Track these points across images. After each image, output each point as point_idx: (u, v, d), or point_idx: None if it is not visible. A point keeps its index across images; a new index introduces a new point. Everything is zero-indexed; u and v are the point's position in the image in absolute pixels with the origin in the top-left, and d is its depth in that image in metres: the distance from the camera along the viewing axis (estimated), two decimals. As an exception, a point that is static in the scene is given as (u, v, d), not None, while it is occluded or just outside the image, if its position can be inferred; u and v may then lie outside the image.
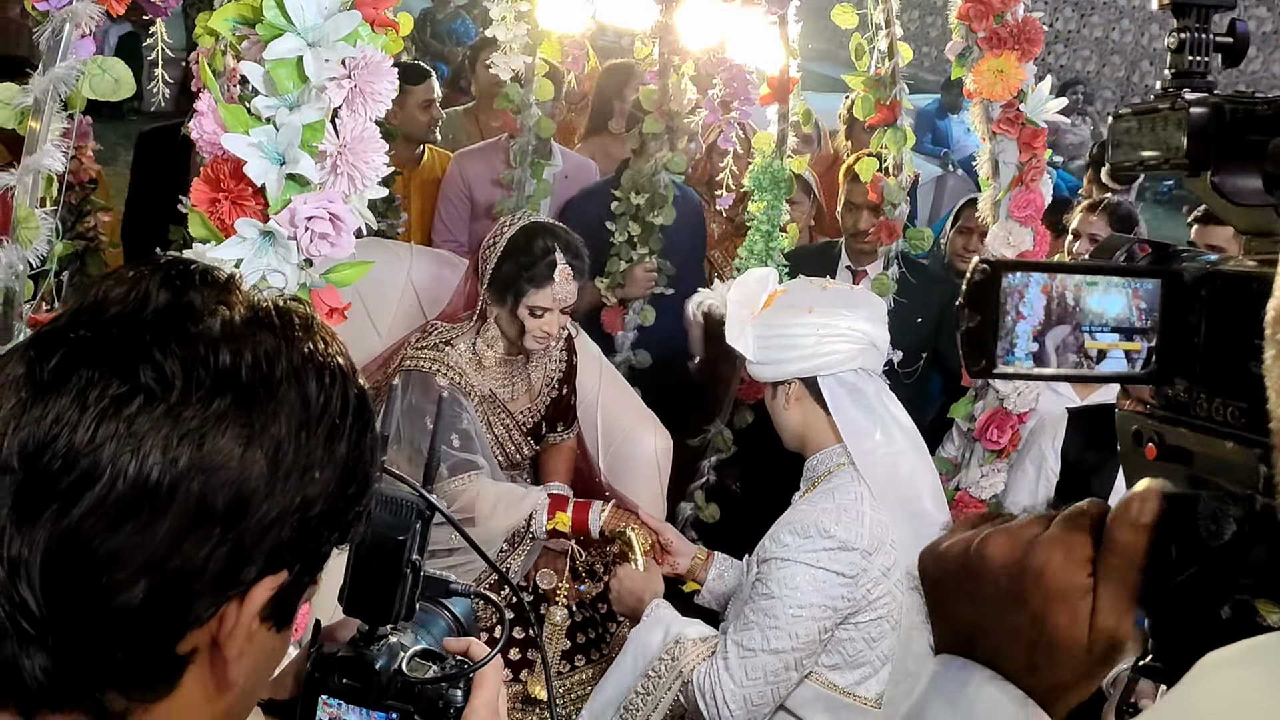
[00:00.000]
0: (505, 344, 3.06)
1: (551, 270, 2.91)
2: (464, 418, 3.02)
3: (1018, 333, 0.83)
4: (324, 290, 1.94)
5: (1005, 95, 2.93)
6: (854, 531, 2.21)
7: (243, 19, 1.89)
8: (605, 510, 2.88)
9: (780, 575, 2.17)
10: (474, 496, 2.96)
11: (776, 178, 3.81)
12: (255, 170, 1.85)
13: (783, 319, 2.33)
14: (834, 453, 2.35)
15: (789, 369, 2.33)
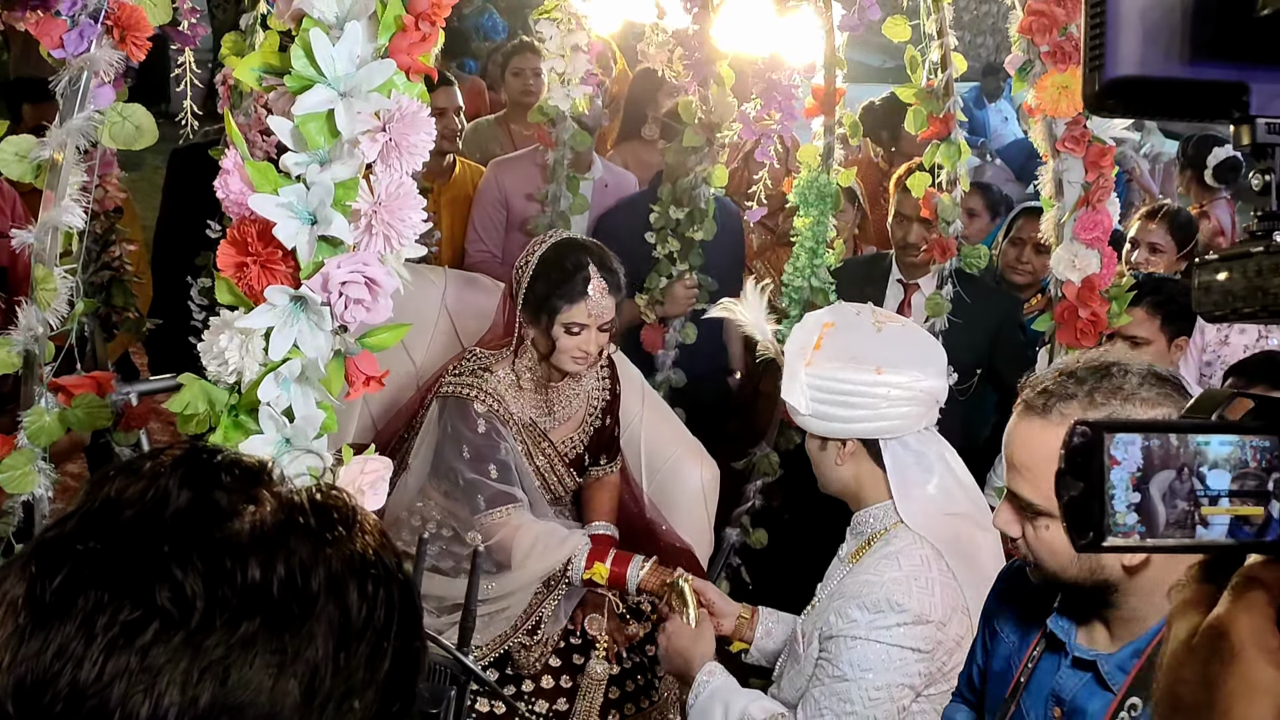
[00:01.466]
0: (545, 368, 2.95)
1: (585, 285, 2.81)
2: (502, 447, 2.91)
3: (1125, 500, 0.77)
4: (360, 356, 1.82)
5: (1070, 112, 2.78)
6: (927, 603, 2.04)
7: (269, 68, 1.77)
8: (645, 567, 2.76)
9: (852, 656, 2.01)
10: (512, 533, 2.86)
11: (823, 192, 3.67)
12: (285, 232, 1.73)
13: (845, 375, 2.10)
14: (888, 509, 2.17)
15: (848, 429, 2.14)
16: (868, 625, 2.01)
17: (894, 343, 2.17)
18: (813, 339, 2.18)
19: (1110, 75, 0.80)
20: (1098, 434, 0.77)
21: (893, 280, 3.86)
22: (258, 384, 1.74)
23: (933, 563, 2.09)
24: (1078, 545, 0.79)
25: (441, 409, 2.97)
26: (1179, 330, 3.23)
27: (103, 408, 2.02)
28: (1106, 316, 2.95)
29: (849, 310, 2.29)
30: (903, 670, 2.01)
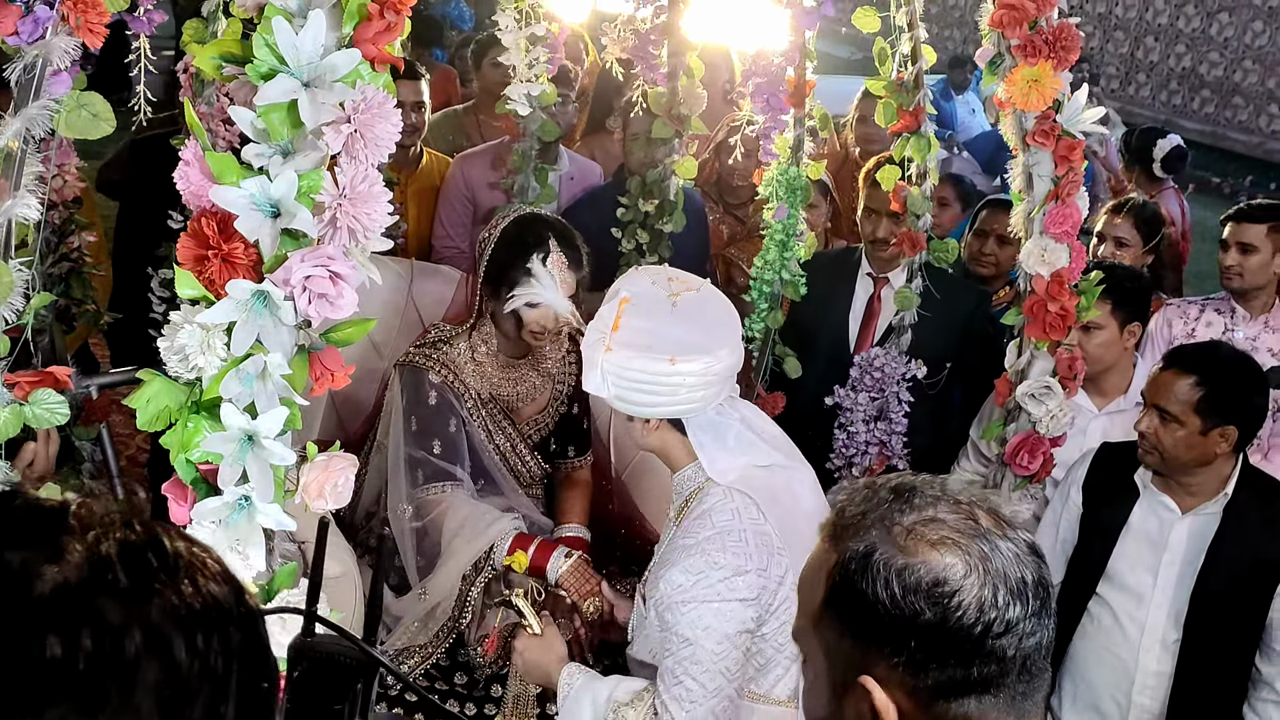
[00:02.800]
0: (505, 343, 2.95)
1: (545, 259, 2.79)
2: (452, 421, 2.91)
3: None
4: (324, 352, 1.78)
5: (1040, 105, 2.77)
6: (743, 554, 2.13)
7: (230, 57, 1.73)
8: (566, 563, 2.76)
9: (689, 619, 2.09)
10: (444, 513, 2.86)
11: (793, 185, 3.64)
12: (247, 225, 1.69)
13: (640, 365, 2.15)
14: (698, 469, 2.25)
15: (650, 411, 2.20)
16: (693, 587, 2.10)
17: (687, 322, 2.19)
18: (610, 320, 2.21)
19: None
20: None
21: (862, 274, 3.85)
22: (219, 380, 1.70)
23: (742, 513, 2.17)
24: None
25: (399, 381, 2.96)
26: (1130, 316, 3.25)
27: (60, 404, 1.97)
28: (1075, 310, 2.95)
29: (644, 280, 2.29)
30: (737, 619, 2.10)
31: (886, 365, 3.50)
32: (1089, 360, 3.16)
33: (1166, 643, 2.72)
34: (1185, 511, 2.71)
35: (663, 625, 2.13)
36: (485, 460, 2.97)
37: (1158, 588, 2.73)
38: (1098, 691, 2.81)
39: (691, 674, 2.08)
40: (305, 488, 1.77)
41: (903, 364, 3.51)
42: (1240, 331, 3.98)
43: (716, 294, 2.35)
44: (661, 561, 2.23)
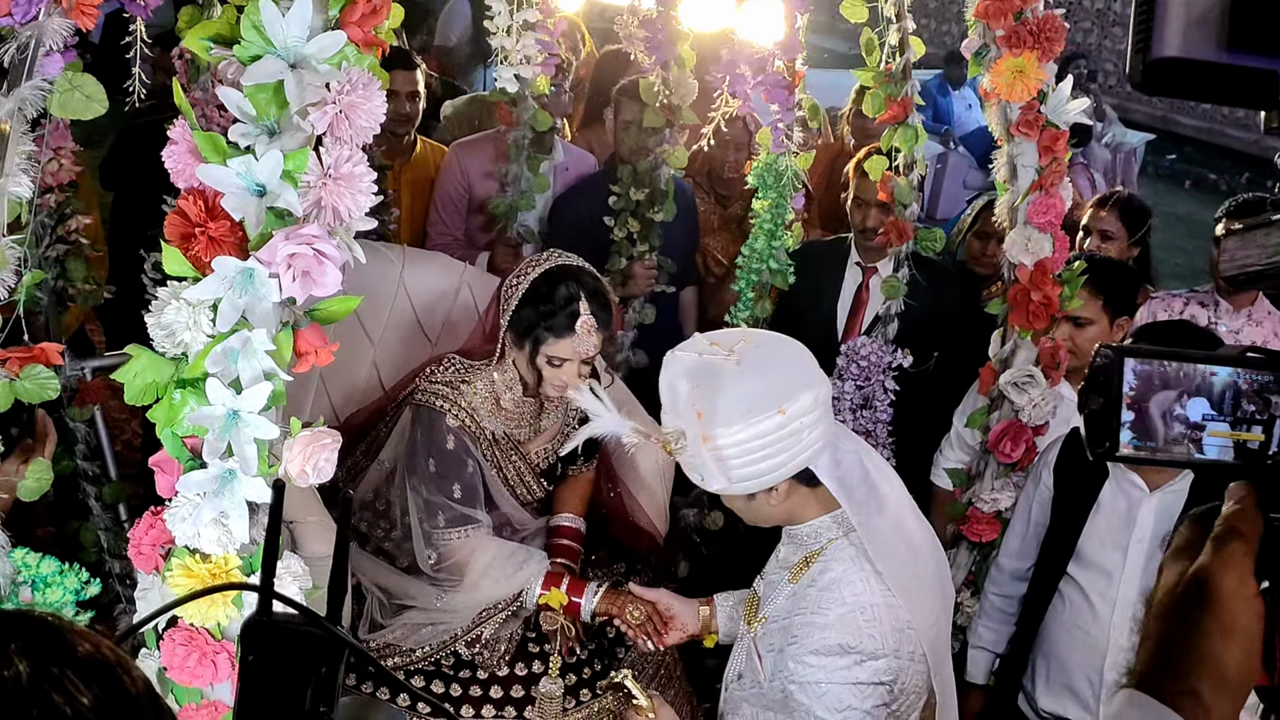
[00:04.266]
0: (524, 388, 2.92)
1: (573, 321, 2.75)
2: (469, 464, 2.89)
3: (1138, 417, 0.88)
4: (308, 329, 1.81)
5: (1024, 96, 2.80)
6: (878, 635, 2.02)
7: (219, 38, 1.76)
8: (598, 594, 2.79)
9: (826, 701, 2.00)
10: (468, 555, 2.86)
11: (781, 175, 3.68)
12: (233, 203, 1.73)
13: (752, 432, 1.93)
14: (822, 525, 2.12)
15: (777, 475, 2.00)
16: (830, 670, 2.00)
17: (764, 372, 2.00)
18: (688, 415, 1.98)
19: (1155, 56, 0.88)
20: (1119, 357, 0.88)
21: (851, 264, 3.88)
22: (204, 355, 1.74)
23: (873, 584, 2.05)
24: (1095, 454, 0.90)
25: (414, 418, 2.93)
26: (1120, 310, 3.28)
27: (51, 379, 2.00)
28: (1058, 299, 2.98)
29: (691, 358, 2.03)
30: (874, 697, 2.02)
31: (872, 354, 3.54)
32: (1080, 355, 3.19)
33: (1137, 619, 2.76)
34: (1153, 489, 2.74)
35: (795, 703, 2.05)
36: (490, 489, 2.97)
37: (1127, 565, 2.77)
38: (1070, 670, 2.85)
39: None
40: (288, 462, 1.80)
41: (888, 353, 3.54)
42: (1224, 324, 4.02)
43: (762, 332, 2.19)
44: (789, 632, 2.09)
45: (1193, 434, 0.88)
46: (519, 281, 2.81)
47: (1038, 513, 2.98)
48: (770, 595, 2.20)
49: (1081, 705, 2.86)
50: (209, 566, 1.80)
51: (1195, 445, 0.89)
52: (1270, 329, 4.02)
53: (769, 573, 2.25)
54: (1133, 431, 0.88)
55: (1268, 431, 0.89)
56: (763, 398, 1.93)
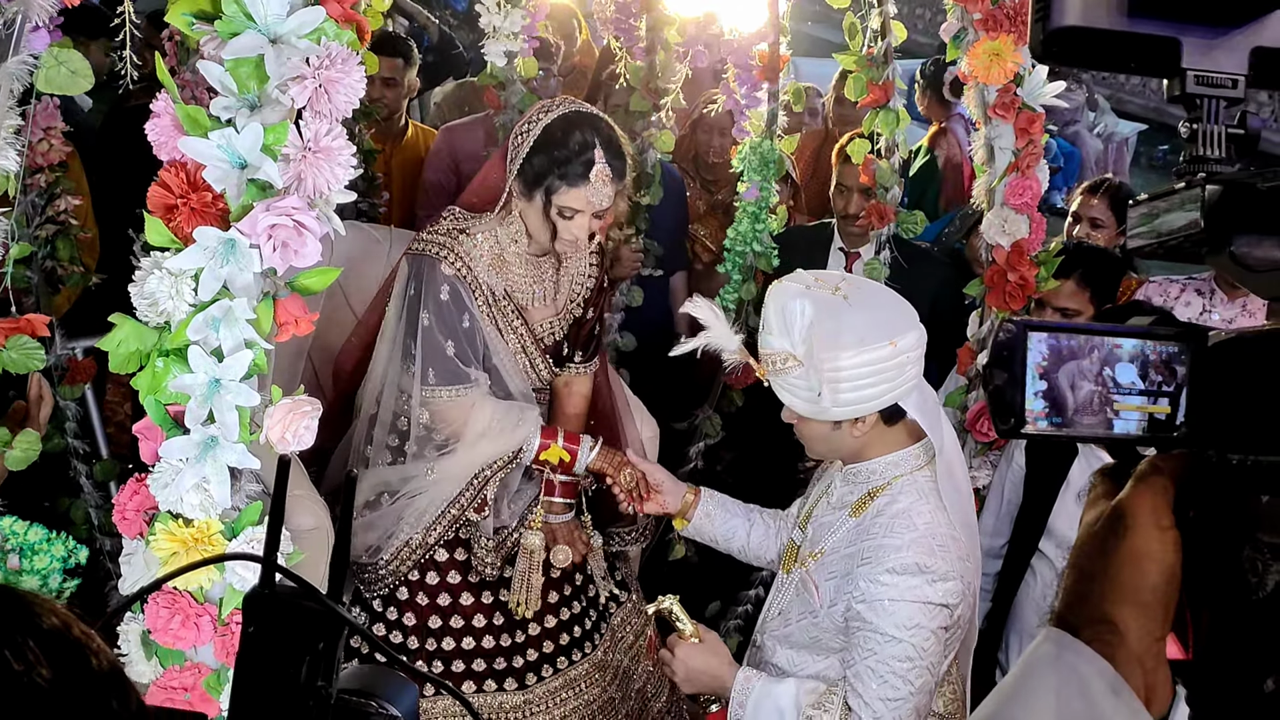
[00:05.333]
0: (529, 242, 2.77)
1: (588, 170, 2.61)
2: (465, 317, 2.75)
3: (1043, 392, 0.86)
4: (289, 299, 1.85)
5: (1001, 79, 2.84)
6: (948, 559, 2.11)
7: (201, 14, 1.80)
8: (595, 449, 2.76)
9: (896, 618, 2.08)
10: (465, 414, 2.76)
11: (766, 159, 3.72)
12: (214, 175, 1.77)
13: (865, 358, 2.04)
14: (889, 463, 2.20)
15: (872, 405, 2.10)
16: (903, 588, 2.08)
17: (873, 308, 2.12)
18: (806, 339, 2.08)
19: (1055, 24, 0.87)
20: (1022, 331, 0.86)
21: (834, 249, 3.92)
22: (187, 324, 1.78)
23: (939, 516, 2.15)
24: (1000, 430, 0.89)
25: (409, 270, 2.77)
26: (1105, 299, 3.32)
27: (37, 349, 2.05)
28: (1035, 280, 3.02)
29: (799, 288, 2.12)
30: (939, 618, 2.10)
31: (854, 335, 3.57)
32: None
33: None
34: None
35: (860, 623, 2.11)
36: (494, 360, 2.83)
37: None
38: (1042, 643, 2.90)
39: (897, 671, 2.08)
40: (269, 429, 1.85)
41: (870, 334, 3.58)
42: (1217, 313, 4.04)
43: (859, 277, 2.27)
44: (858, 557, 2.16)
45: (1101, 407, 0.87)
46: (530, 128, 2.67)
47: (1010, 491, 3.03)
48: (824, 533, 2.27)
49: (1054, 677, 2.91)
50: (191, 531, 1.84)
51: (1104, 419, 0.87)
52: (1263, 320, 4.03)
53: (819, 516, 2.32)
54: (1039, 407, 0.85)
55: (1174, 403, 0.87)
56: (876, 329, 2.05)
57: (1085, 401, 0.86)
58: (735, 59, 3.78)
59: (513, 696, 2.88)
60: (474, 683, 2.86)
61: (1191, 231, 0.84)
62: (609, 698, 2.97)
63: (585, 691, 2.94)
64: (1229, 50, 0.88)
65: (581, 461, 2.77)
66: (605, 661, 2.99)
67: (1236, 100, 0.88)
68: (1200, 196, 0.84)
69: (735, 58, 3.79)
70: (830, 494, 2.32)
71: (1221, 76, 0.88)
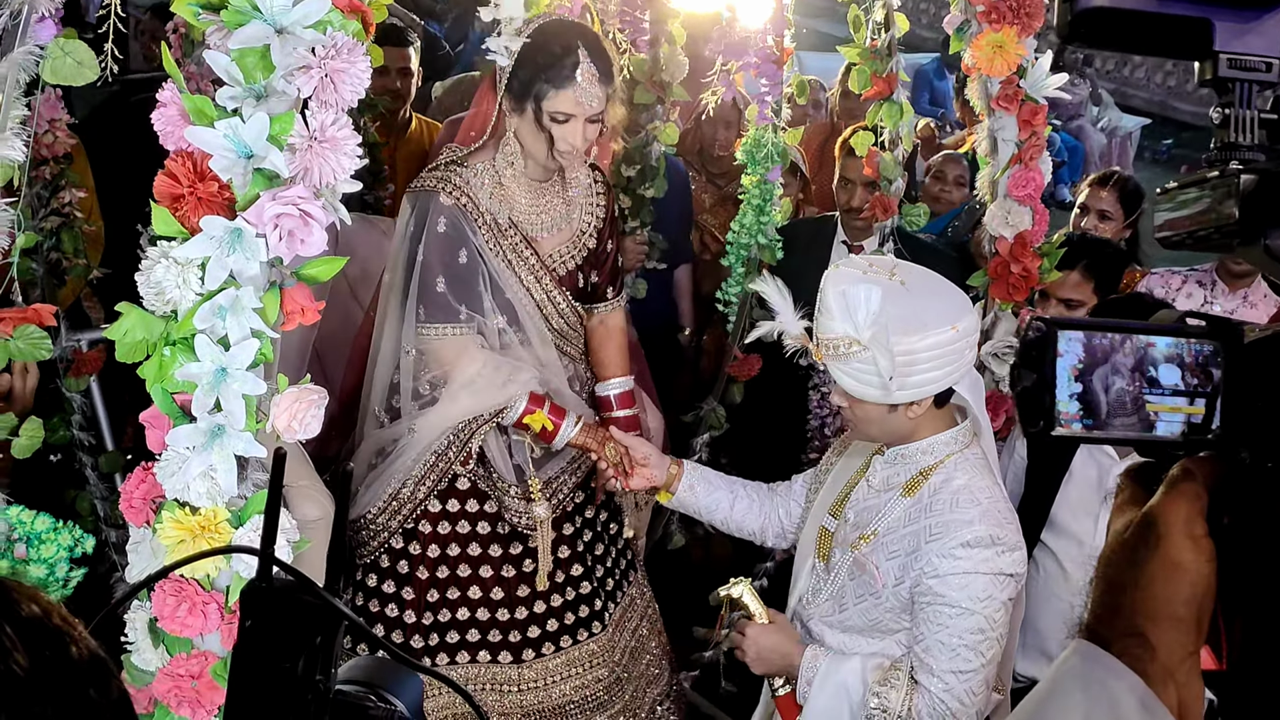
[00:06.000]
0: (529, 164, 2.73)
1: (574, 70, 2.59)
2: (462, 253, 2.71)
3: (1076, 394, 0.83)
4: (295, 288, 1.86)
5: (1004, 71, 2.85)
6: (1013, 530, 2.16)
7: (207, 4, 1.80)
8: (578, 425, 2.74)
9: (967, 591, 2.11)
10: (455, 357, 2.72)
11: (770, 151, 3.72)
12: (221, 165, 1.77)
13: (929, 342, 2.07)
14: (939, 442, 2.23)
15: (928, 389, 2.13)
16: (977, 561, 2.11)
17: (930, 294, 2.14)
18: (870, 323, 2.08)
19: (1083, 5, 0.84)
20: (1051, 330, 0.83)
21: (837, 242, 3.93)
22: (193, 313, 1.78)
23: (997, 492, 2.21)
24: (1029, 433, 0.86)
25: (410, 206, 2.76)
26: (1108, 291, 3.32)
27: (43, 338, 2.06)
28: (1038, 272, 3.03)
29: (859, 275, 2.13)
30: (1009, 589, 2.15)
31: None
32: None
33: None
34: (1123, 456, 2.80)
35: (931, 598, 2.13)
36: (510, 294, 2.78)
37: (1098, 531, 2.82)
38: (1044, 635, 2.91)
39: (969, 644, 2.11)
40: (275, 418, 1.85)
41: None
42: (1219, 304, 4.05)
43: (910, 264, 2.25)
44: (914, 532, 2.19)
45: (1135, 409, 0.83)
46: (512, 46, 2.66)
47: (1012, 482, 3.03)
48: (872, 516, 2.27)
49: (1057, 669, 2.92)
50: (198, 519, 1.85)
51: (1139, 421, 0.83)
52: (1265, 312, 4.04)
53: (860, 500, 2.32)
54: (1072, 409, 0.82)
55: (1210, 405, 0.83)
56: (937, 314, 2.09)
57: (1118, 402, 0.83)
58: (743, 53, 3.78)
59: (508, 670, 2.89)
60: (468, 653, 2.86)
61: (1225, 223, 0.82)
62: (616, 677, 2.98)
63: (591, 670, 2.96)
64: (1263, 33, 0.86)
65: (564, 435, 2.74)
66: (614, 642, 3.00)
67: (1270, 84, 0.85)
68: (1235, 187, 0.81)
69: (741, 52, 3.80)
70: (870, 478, 2.32)
71: (1255, 60, 0.85)
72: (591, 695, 2.94)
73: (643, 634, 3.11)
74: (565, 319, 2.88)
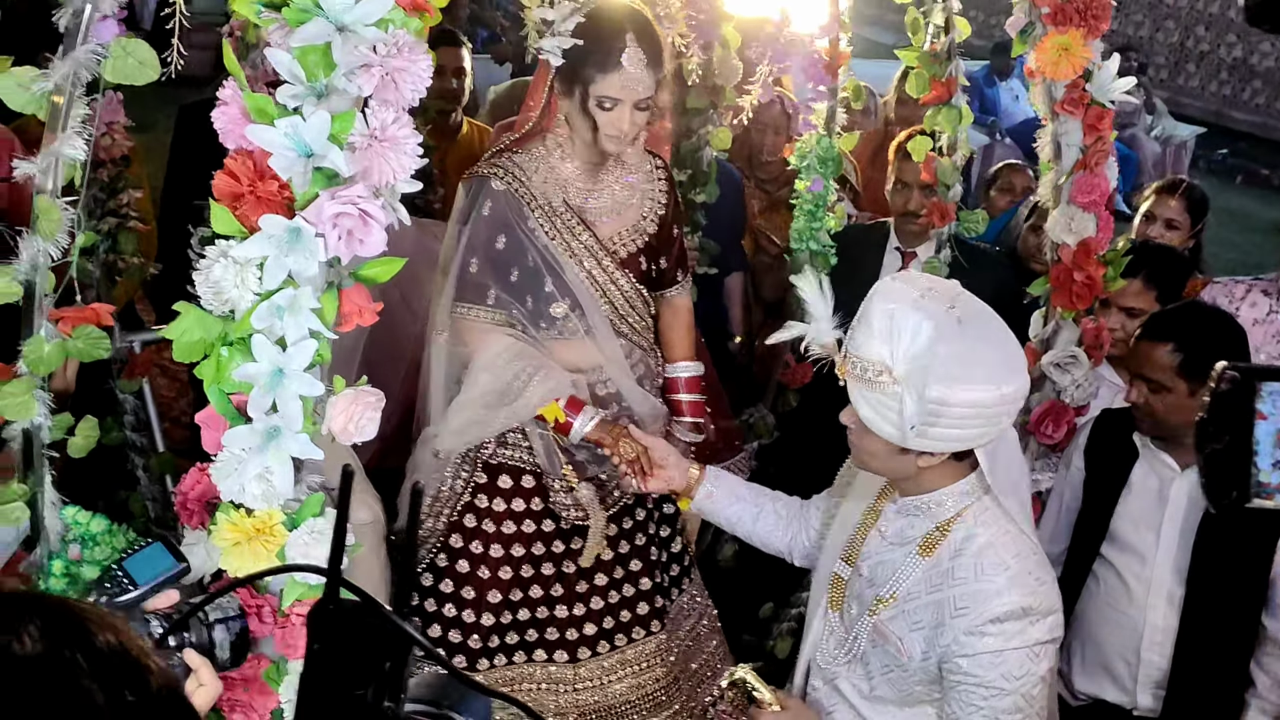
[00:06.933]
0: (584, 148, 2.73)
1: (620, 55, 2.58)
2: (501, 238, 2.70)
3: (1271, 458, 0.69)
4: (353, 289, 1.84)
5: (1070, 74, 2.79)
6: (1047, 592, 1.99)
7: (269, 2, 1.79)
8: (594, 420, 2.70)
9: (1004, 669, 1.95)
10: (477, 338, 2.71)
11: (824, 156, 3.68)
12: (281, 164, 1.75)
13: (969, 397, 1.86)
14: (952, 494, 2.04)
15: (960, 445, 1.95)
16: (1009, 636, 1.95)
17: (984, 340, 1.91)
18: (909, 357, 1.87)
19: None
20: (1249, 380, 0.70)
21: (891, 248, 3.88)
22: (251, 313, 1.77)
23: (1024, 542, 2.02)
24: (1217, 504, 0.73)
25: (464, 193, 2.79)
26: (1170, 299, 3.26)
27: (101, 338, 2.05)
28: (1102, 280, 2.96)
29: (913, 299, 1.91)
30: (1047, 658, 1.99)
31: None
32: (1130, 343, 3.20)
33: (1172, 599, 2.74)
34: (1184, 468, 2.73)
35: (961, 676, 1.98)
36: (569, 276, 2.75)
37: (1161, 545, 2.75)
38: (1106, 651, 2.83)
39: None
40: (331, 419, 1.83)
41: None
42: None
43: (974, 298, 2.00)
44: (936, 601, 2.02)
45: None
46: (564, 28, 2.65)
47: (1069, 496, 2.97)
48: (889, 574, 2.10)
49: (1119, 687, 2.85)
50: (253, 521, 1.84)
51: None
52: None
53: (874, 553, 2.15)
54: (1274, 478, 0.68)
55: None
56: (986, 369, 1.87)
57: None
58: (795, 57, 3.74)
59: (564, 669, 2.87)
60: (524, 653, 2.85)
61: None
62: (674, 677, 2.96)
63: (649, 670, 2.93)
64: None
65: (578, 430, 2.71)
66: (669, 644, 2.97)
67: None
68: None
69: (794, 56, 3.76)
70: (883, 528, 2.14)
71: None
72: (649, 694, 2.92)
73: (700, 633, 3.09)
74: (631, 302, 2.84)
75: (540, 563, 2.85)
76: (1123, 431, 2.86)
